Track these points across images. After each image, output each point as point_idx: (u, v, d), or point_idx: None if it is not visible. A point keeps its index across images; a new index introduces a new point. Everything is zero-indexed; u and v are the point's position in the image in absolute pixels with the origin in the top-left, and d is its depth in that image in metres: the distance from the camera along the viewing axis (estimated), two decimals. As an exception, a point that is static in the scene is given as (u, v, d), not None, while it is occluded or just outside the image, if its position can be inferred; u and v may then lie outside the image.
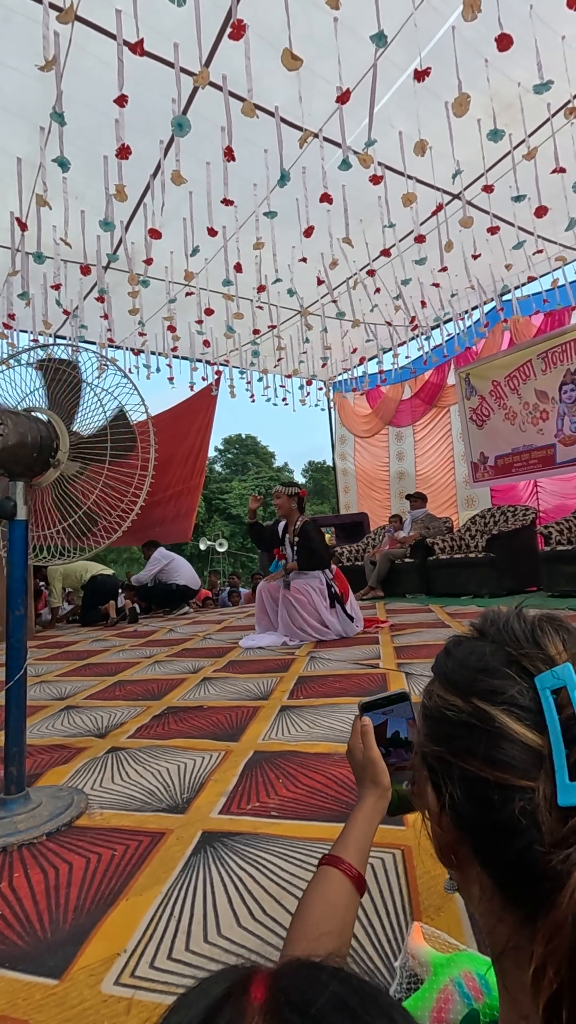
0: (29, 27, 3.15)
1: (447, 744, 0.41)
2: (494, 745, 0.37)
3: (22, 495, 1.36)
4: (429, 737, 0.44)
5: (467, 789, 0.39)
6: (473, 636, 0.45)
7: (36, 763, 1.68)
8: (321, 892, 0.63)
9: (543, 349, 6.26)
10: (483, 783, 0.37)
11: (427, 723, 0.44)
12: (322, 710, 1.99)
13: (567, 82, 3.62)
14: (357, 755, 0.74)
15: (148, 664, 3.22)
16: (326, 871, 0.65)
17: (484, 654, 0.41)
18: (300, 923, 0.61)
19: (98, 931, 0.88)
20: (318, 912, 0.61)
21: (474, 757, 0.38)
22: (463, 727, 0.39)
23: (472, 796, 0.39)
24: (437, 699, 0.43)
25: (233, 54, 3.19)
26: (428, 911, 0.87)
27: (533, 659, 0.38)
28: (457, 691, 0.41)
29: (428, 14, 3.29)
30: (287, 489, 3.91)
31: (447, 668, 0.44)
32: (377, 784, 0.72)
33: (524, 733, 0.36)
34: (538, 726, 0.36)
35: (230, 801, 1.31)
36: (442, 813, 0.43)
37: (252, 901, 0.93)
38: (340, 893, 0.63)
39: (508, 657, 0.40)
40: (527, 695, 0.37)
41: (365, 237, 5.01)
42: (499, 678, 0.39)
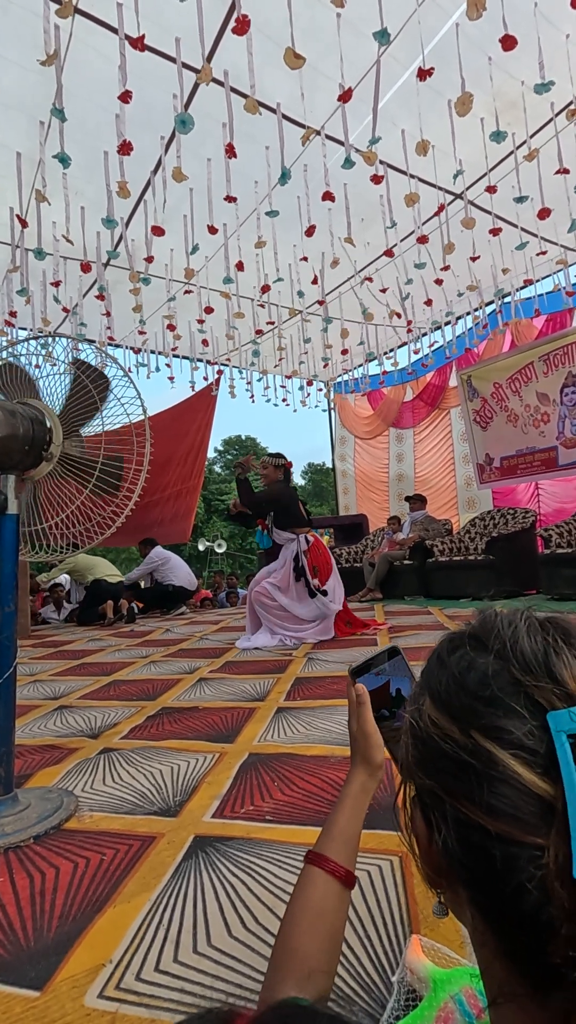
0: (28, 20, 3.12)
1: (440, 779, 0.35)
2: (496, 792, 0.31)
3: (13, 488, 1.32)
4: (419, 765, 0.38)
5: (463, 836, 0.33)
6: (470, 642, 0.38)
7: (26, 764, 1.64)
8: (307, 900, 0.58)
9: (544, 351, 6.24)
10: (482, 832, 0.32)
11: (416, 745, 0.38)
12: (319, 712, 1.95)
13: (570, 82, 3.60)
14: (351, 727, 0.69)
15: (144, 664, 3.18)
16: (311, 873, 0.60)
17: (486, 674, 0.35)
18: (286, 941, 0.56)
19: (83, 940, 0.85)
20: (306, 924, 0.57)
21: (472, 803, 0.32)
22: (460, 765, 0.34)
23: (468, 845, 0.33)
24: (429, 721, 0.37)
25: (235, 50, 3.16)
26: (427, 922, 0.84)
27: (546, 692, 0.32)
28: (454, 719, 0.35)
29: (432, 11, 3.27)
30: (273, 460, 3.92)
31: (441, 684, 0.38)
32: (368, 761, 0.67)
33: (533, 780, 0.31)
34: (549, 772, 0.31)
35: (223, 804, 1.28)
36: (432, 847, 0.37)
37: (244, 909, 0.90)
38: (327, 897, 0.58)
39: (515, 684, 0.34)
40: (538, 736, 0.32)
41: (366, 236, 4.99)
42: (505, 713, 0.33)
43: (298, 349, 7.28)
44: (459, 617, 4.21)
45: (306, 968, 0.53)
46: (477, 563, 5.52)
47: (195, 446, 8.21)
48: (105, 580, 6.02)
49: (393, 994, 0.67)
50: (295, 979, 0.52)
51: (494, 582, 5.36)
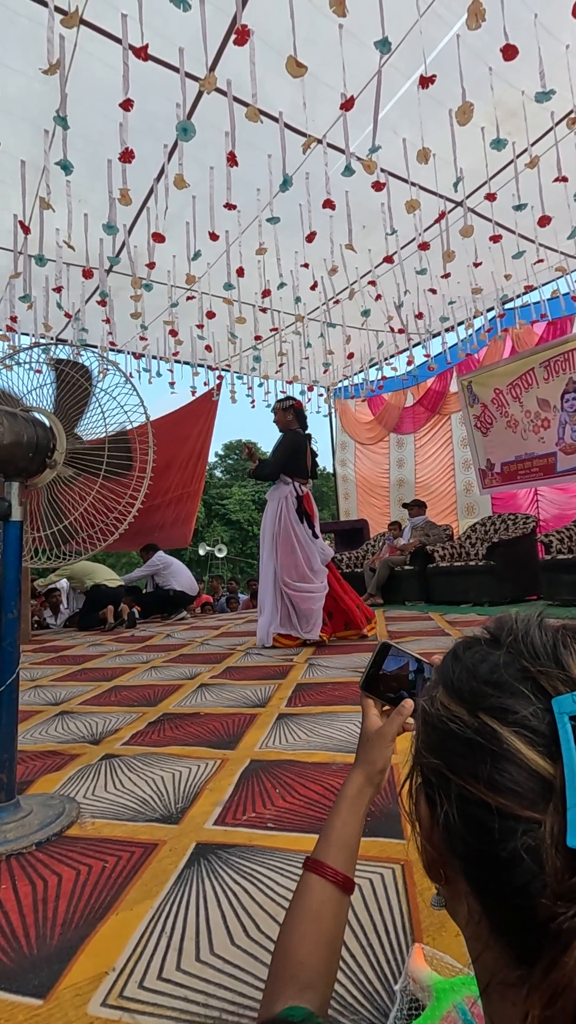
0: (34, 30, 3.16)
1: (446, 758, 0.37)
2: (499, 768, 0.33)
3: (17, 495, 1.33)
4: (428, 746, 0.40)
5: (464, 811, 0.35)
6: (486, 641, 0.41)
7: (28, 770, 1.64)
8: (305, 907, 0.58)
9: (545, 358, 6.26)
10: (483, 807, 0.34)
11: (427, 730, 0.41)
12: (320, 718, 1.95)
13: (570, 91, 3.63)
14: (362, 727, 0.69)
15: (145, 669, 3.18)
16: (309, 880, 0.60)
17: (497, 664, 0.37)
18: (285, 949, 0.56)
19: (86, 947, 0.85)
20: (304, 932, 0.57)
21: (475, 778, 0.34)
22: (466, 743, 0.36)
23: (469, 820, 0.35)
24: (440, 706, 0.39)
25: (237, 59, 3.19)
26: (429, 930, 0.84)
27: (552, 678, 0.34)
28: (463, 702, 0.37)
29: (432, 22, 3.30)
30: (283, 403, 3.91)
31: (454, 674, 0.40)
32: (370, 763, 0.66)
33: (535, 759, 0.32)
34: (551, 753, 0.32)
35: (225, 811, 1.28)
36: (434, 829, 0.40)
37: (247, 917, 0.90)
38: (326, 904, 0.58)
39: (524, 672, 0.36)
40: (541, 717, 0.33)
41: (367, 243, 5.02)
42: (511, 695, 0.35)
43: (299, 355, 7.30)
44: (460, 623, 4.21)
45: (305, 976, 0.53)
46: (478, 569, 5.52)
47: (196, 451, 8.22)
48: (105, 585, 6.01)
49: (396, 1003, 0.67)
50: (295, 987, 0.52)
51: (495, 588, 5.36)
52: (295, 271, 5.43)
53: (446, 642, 3.41)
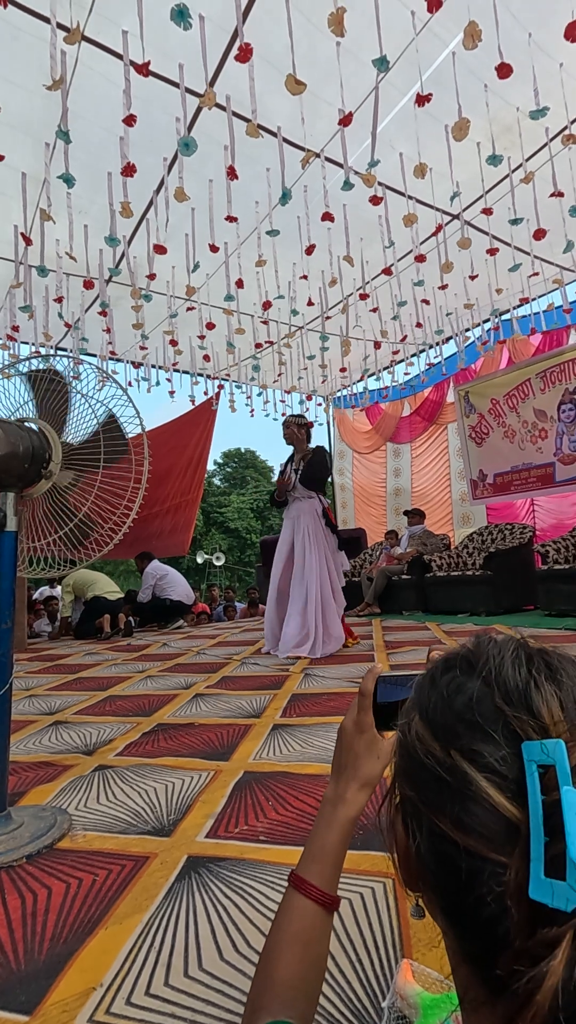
0: (36, 45, 3.20)
1: (419, 791, 0.38)
2: (468, 810, 0.34)
3: (13, 506, 1.34)
4: (403, 773, 0.41)
5: (434, 846, 0.36)
6: (462, 665, 0.40)
7: (20, 781, 1.63)
8: (291, 929, 0.57)
9: (541, 368, 6.31)
10: (452, 845, 0.34)
11: (403, 757, 0.41)
12: (315, 729, 1.95)
13: (564, 108, 3.69)
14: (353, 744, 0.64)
15: (140, 679, 3.17)
16: (295, 901, 0.58)
17: (471, 697, 0.37)
18: (269, 971, 0.55)
19: (74, 962, 0.85)
20: (290, 955, 0.55)
21: (445, 816, 0.35)
22: (438, 781, 0.36)
23: (438, 855, 0.35)
24: (416, 736, 0.39)
25: (237, 75, 3.24)
26: (419, 947, 0.84)
27: (523, 723, 0.34)
28: (437, 738, 0.37)
29: (429, 40, 3.35)
30: (296, 419, 4.13)
31: (430, 701, 0.40)
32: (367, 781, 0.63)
33: (503, 803, 0.33)
34: (519, 797, 0.32)
35: (217, 824, 1.27)
36: (408, 852, 0.40)
37: (236, 932, 0.89)
38: (313, 926, 0.57)
39: (497, 711, 0.35)
40: (512, 762, 0.33)
41: (365, 256, 5.07)
42: (484, 737, 0.35)
43: (298, 364, 7.35)
44: (457, 633, 4.21)
45: (290, 994, 0.53)
46: (475, 578, 5.52)
47: (195, 459, 8.24)
48: (104, 598, 5.99)
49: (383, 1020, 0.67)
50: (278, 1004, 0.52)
51: (492, 597, 5.36)
52: (294, 282, 5.48)
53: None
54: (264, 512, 30.20)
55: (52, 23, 2.72)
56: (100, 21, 3.18)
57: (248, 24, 3.11)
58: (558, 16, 3.04)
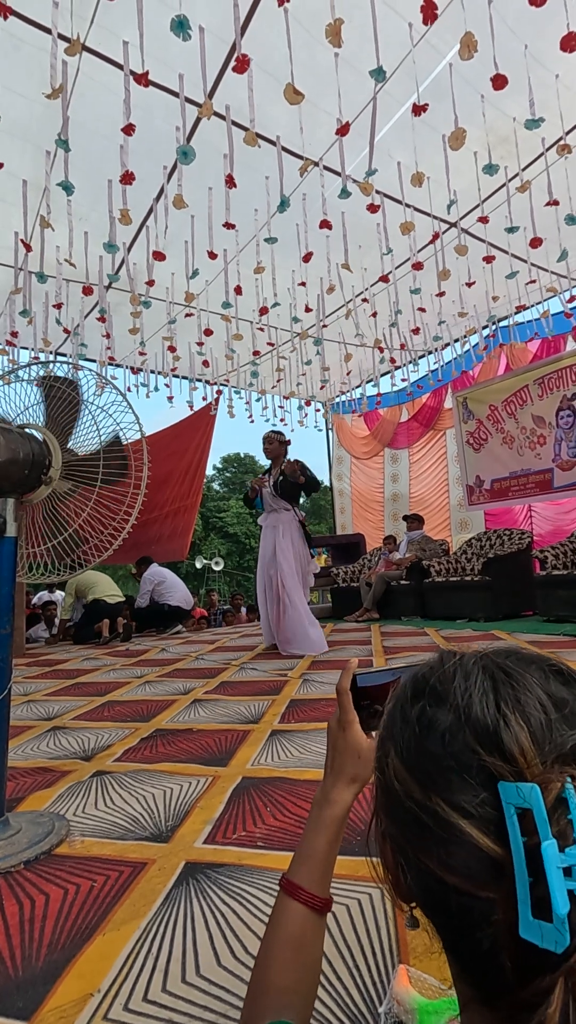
0: (37, 56, 3.24)
1: (403, 829, 0.38)
2: (452, 852, 0.34)
3: (12, 511, 1.34)
4: (385, 811, 0.40)
5: (422, 882, 0.36)
6: (431, 696, 0.39)
7: (18, 787, 1.63)
8: (284, 934, 0.57)
9: (539, 375, 6.34)
10: (440, 883, 0.34)
11: (383, 793, 0.41)
12: (313, 735, 1.95)
13: (560, 119, 3.73)
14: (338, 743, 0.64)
15: (138, 684, 3.17)
16: (288, 906, 0.58)
17: (443, 735, 0.37)
18: (264, 976, 0.55)
19: (72, 968, 0.85)
20: (284, 960, 0.55)
21: (430, 855, 0.35)
22: (420, 824, 0.36)
23: (428, 892, 0.36)
24: (394, 775, 0.39)
25: (236, 85, 3.27)
26: (416, 951, 0.84)
27: (498, 767, 0.34)
28: (416, 779, 0.37)
29: (426, 51, 3.39)
30: (279, 436, 4.41)
31: (403, 737, 0.40)
32: (362, 779, 0.62)
33: (486, 844, 0.33)
34: (500, 836, 0.32)
35: (215, 830, 1.27)
36: (398, 880, 0.40)
37: (233, 938, 0.90)
38: (306, 930, 0.57)
39: (471, 752, 0.35)
40: (492, 804, 0.33)
41: (363, 263, 5.10)
42: (460, 785, 0.35)
43: (296, 370, 7.37)
44: (455, 639, 4.21)
45: (286, 999, 0.53)
46: (474, 584, 5.53)
47: (194, 464, 8.25)
48: (104, 600, 5.98)
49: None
50: (274, 1010, 0.52)
51: (490, 603, 5.37)
52: (292, 289, 5.51)
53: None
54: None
55: (53, 34, 2.75)
56: (101, 32, 3.21)
57: (247, 36, 3.15)
58: (554, 28, 3.08)
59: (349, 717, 0.64)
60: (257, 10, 3.17)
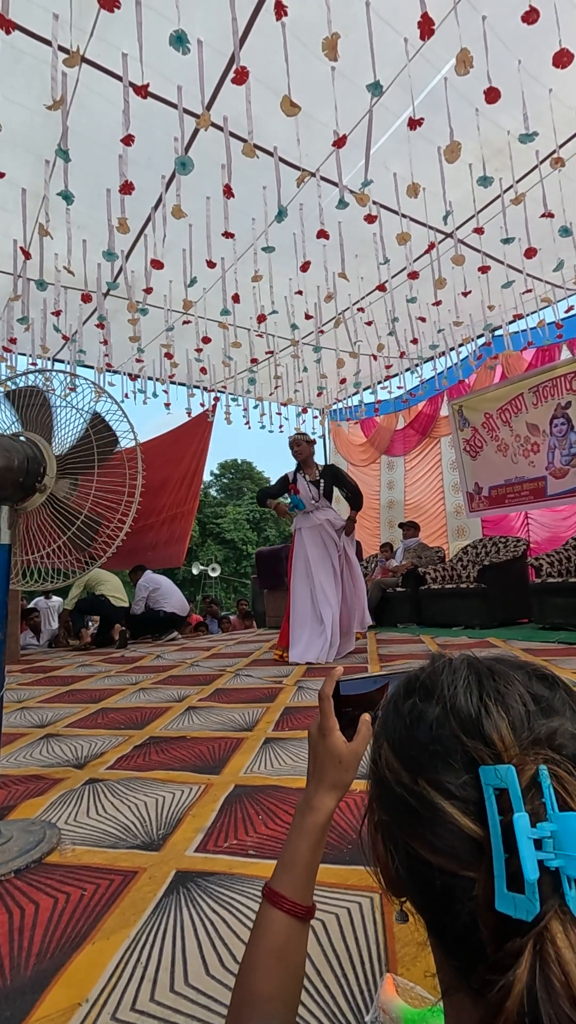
0: (37, 67, 3.28)
1: (393, 816, 0.41)
2: (436, 832, 0.37)
3: (7, 519, 1.35)
4: (378, 800, 0.44)
5: (410, 866, 0.39)
6: (421, 691, 0.43)
7: (10, 794, 1.63)
8: (268, 944, 0.57)
9: (534, 383, 6.38)
10: (425, 865, 0.37)
11: (377, 785, 0.44)
12: (306, 743, 1.95)
13: (553, 132, 3.78)
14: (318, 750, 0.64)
15: (133, 691, 3.16)
16: (271, 915, 0.58)
17: (431, 725, 0.40)
18: (248, 985, 0.55)
19: (60, 977, 0.85)
20: (268, 969, 0.56)
21: (418, 839, 0.38)
22: (409, 808, 0.39)
23: (414, 874, 0.39)
24: (386, 765, 0.42)
25: (234, 97, 3.32)
26: (404, 960, 0.84)
27: (479, 751, 0.37)
28: (405, 766, 0.40)
29: (421, 65, 3.44)
30: (304, 437, 4.41)
31: (395, 730, 0.43)
32: (342, 785, 0.63)
33: (468, 824, 0.36)
34: (480, 817, 0.35)
35: (207, 838, 1.27)
36: (389, 869, 0.43)
37: (222, 947, 0.90)
38: (289, 939, 0.57)
39: (454, 738, 0.38)
40: (473, 785, 0.36)
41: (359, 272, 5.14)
42: (444, 768, 0.38)
43: (294, 377, 7.41)
44: (451, 646, 4.21)
45: (268, 1008, 0.53)
46: (469, 591, 5.53)
47: (191, 470, 8.26)
48: (109, 601, 6.01)
49: (366, 1034, 0.67)
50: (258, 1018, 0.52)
51: (486, 611, 5.37)
52: (289, 297, 5.54)
53: (436, 665, 3.41)
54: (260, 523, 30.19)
55: (54, 46, 2.79)
56: (100, 44, 3.25)
57: (245, 49, 3.19)
58: (547, 44, 3.13)
59: (329, 724, 0.64)
60: (255, 24, 3.22)
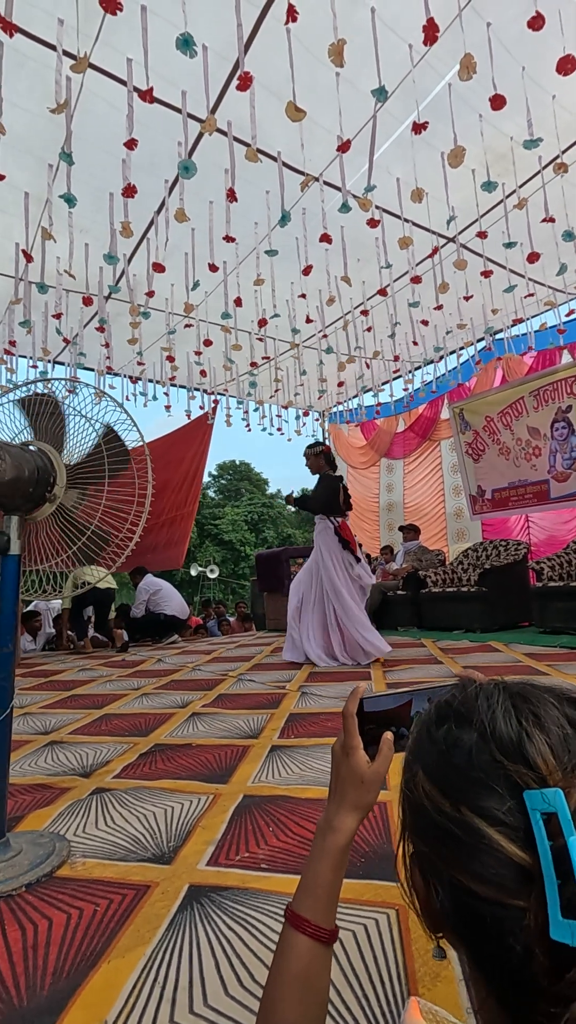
0: (41, 71, 3.27)
1: (434, 847, 0.40)
2: (484, 862, 0.36)
3: (17, 529, 1.34)
4: (415, 830, 0.42)
5: (455, 897, 0.38)
6: (456, 719, 0.42)
7: (17, 805, 1.62)
8: (292, 970, 0.55)
9: (535, 387, 6.39)
10: (472, 895, 0.36)
11: (412, 814, 0.43)
12: (314, 751, 1.94)
13: (556, 138, 3.79)
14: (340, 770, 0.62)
15: (135, 697, 3.15)
16: (294, 940, 0.57)
17: (470, 751, 0.39)
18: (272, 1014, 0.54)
19: (78, 998, 0.84)
20: (292, 996, 0.55)
21: (462, 869, 0.37)
22: (452, 837, 0.38)
23: (461, 907, 0.37)
24: (423, 792, 0.41)
25: (238, 102, 3.32)
26: (424, 980, 0.84)
27: (522, 775, 0.37)
28: (444, 793, 0.39)
29: (425, 71, 3.45)
30: (312, 449, 4.32)
31: (430, 756, 0.42)
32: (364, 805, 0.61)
33: (515, 852, 0.35)
34: (527, 843, 0.34)
35: (218, 851, 1.27)
36: (430, 902, 0.42)
37: (240, 966, 0.89)
38: (313, 964, 0.56)
39: (496, 764, 0.38)
40: (517, 813, 0.36)
41: (362, 276, 5.14)
42: (489, 793, 0.37)
43: (294, 380, 7.41)
44: (453, 650, 4.21)
45: None
46: (470, 595, 5.54)
47: (191, 473, 8.25)
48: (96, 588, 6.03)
49: (392, 1059, 0.67)
50: None
51: (487, 614, 5.37)
52: (291, 301, 5.54)
53: (439, 670, 3.41)
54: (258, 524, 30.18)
55: (58, 50, 2.78)
56: (104, 49, 3.24)
57: (249, 54, 3.19)
58: (550, 51, 3.14)
59: (353, 742, 0.63)
60: (259, 30, 3.22)
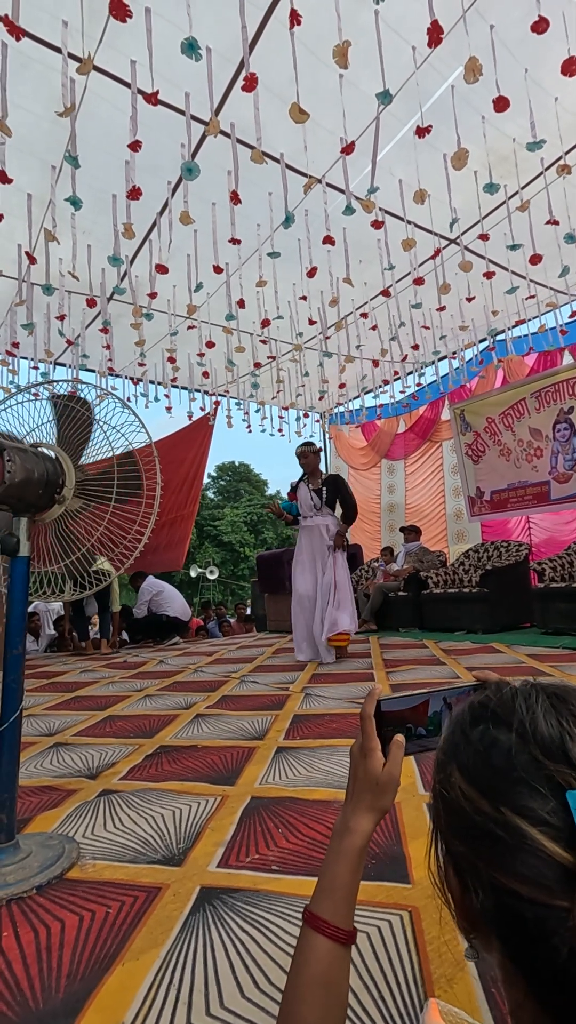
0: (45, 73, 3.27)
1: (473, 847, 0.39)
2: (525, 862, 0.35)
3: (26, 531, 1.34)
4: (452, 830, 0.42)
5: (496, 899, 0.37)
6: (492, 719, 0.42)
7: (25, 807, 1.62)
8: (311, 972, 0.55)
9: (536, 388, 6.40)
10: (515, 897, 0.36)
11: (448, 813, 0.42)
12: (319, 752, 1.94)
13: (559, 140, 3.80)
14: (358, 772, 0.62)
15: (139, 698, 3.15)
16: (313, 941, 0.57)
17: (509, 752, 0.39)
18: (292, 1017, 0.54)
19: (93, 1001, 0.84)
20: (312, 998, 0.54)
21: (505, 870, 0.37)
22: (493, 837, 0.37)
23: (502, 908, 0.37)
24: (460, 792, 0.41)
25: (241, 104, 3.32)
26: (440, 981, 0.84)
27: (565, 775, 0.37)
28: (484, 794, 0.39)
29: (428, 73, 3.45)
30: (311, 447, 4.45)
31: (467, 757, 0.42)
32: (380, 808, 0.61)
33: (558, 851, 0.35)
34: (571, 843, 0.35)
35: (228, 852, 1.27)
36: (466, 903, 0.41)
37: (256, 968, 0.89)
38: (332, 965, 0.56)
39: (537, 764, 0.38)
40: (560, 813, 0.36)
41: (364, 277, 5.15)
42: (530, 793, 0.37)
43: (296, 382, 7.42)
44: (455, 651, 4.21)
45: None
46: (471, 596, 5.54)
47: (191, 474, 8.25)
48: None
49: (412, 1061, 0.67)
50: None
51: (488, 615, 5.38)
52: (294, 302, 5.55)
53: (442, 671, 3.41)
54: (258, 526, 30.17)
55: (64, 53, 2.79)
56: (108, 51, 3.25)
57: (253, 56, 3.19)
58: (554, 53, 3.15)
59: (372, 744, 0.63)
60: (263, 33, 3.22)
